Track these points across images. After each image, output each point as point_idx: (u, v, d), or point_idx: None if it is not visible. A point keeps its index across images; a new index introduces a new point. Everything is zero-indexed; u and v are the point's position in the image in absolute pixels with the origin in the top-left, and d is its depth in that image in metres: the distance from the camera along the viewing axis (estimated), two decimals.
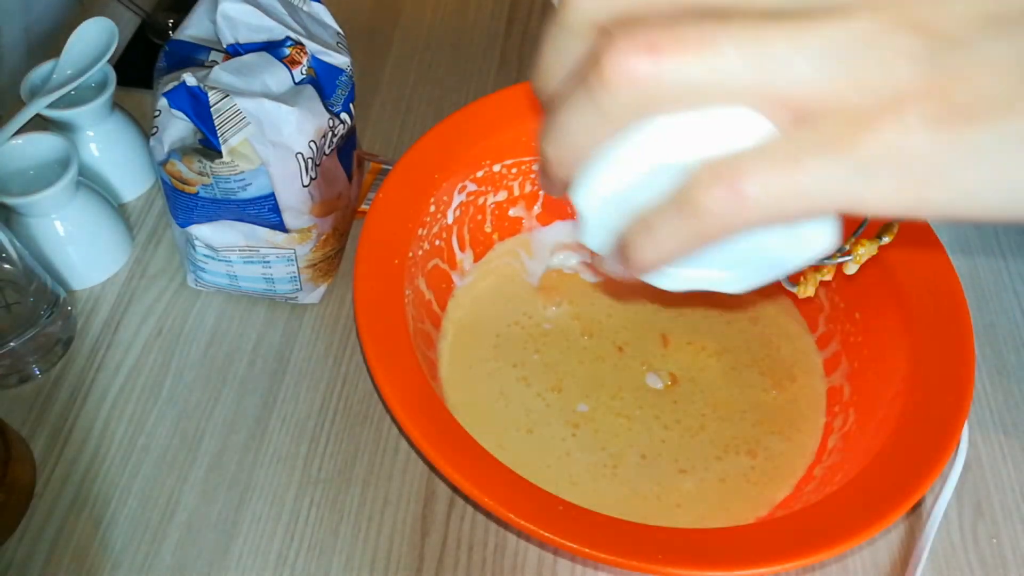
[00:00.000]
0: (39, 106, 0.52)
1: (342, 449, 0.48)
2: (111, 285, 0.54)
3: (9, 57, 0.66)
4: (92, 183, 0.54)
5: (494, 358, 0.50)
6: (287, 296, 0.52)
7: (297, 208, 0.47)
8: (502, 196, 0.54)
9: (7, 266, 0.48)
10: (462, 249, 0.53)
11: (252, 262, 0.49)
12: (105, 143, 0.56)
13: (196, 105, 0.44)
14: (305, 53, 0.46)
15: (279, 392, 0.50)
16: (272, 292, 0.52)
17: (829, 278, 0.40)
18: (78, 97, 0.54)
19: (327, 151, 0.48)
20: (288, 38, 0.46)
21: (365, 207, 0.57)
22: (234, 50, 0.46)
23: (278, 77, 0.45)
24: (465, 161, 0.51)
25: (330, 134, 0.47)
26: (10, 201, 0.49)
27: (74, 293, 0.54)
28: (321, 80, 0.47)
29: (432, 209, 0.49)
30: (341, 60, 0.48)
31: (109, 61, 0.54)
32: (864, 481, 0.39)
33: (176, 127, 0.45)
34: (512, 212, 0.55)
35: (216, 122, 0.43)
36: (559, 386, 0.49)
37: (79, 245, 0.52)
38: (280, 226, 0.48)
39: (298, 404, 0.49)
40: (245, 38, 0.46)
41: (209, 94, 0.43)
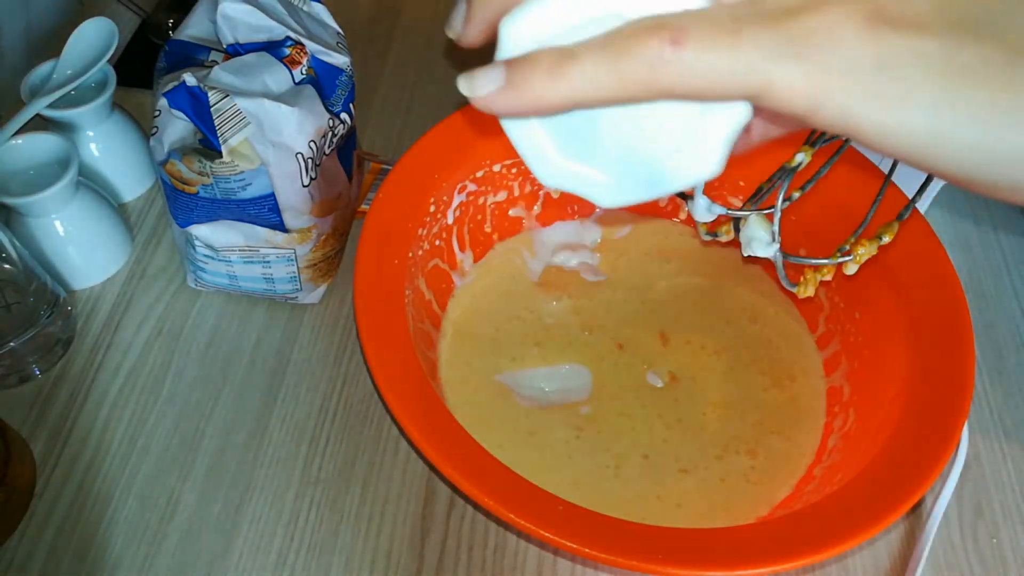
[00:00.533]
0: (39, 106, 0.52)
1: (342, 449, 0.48)
2: (111, 285, 0.54)
3: (9, 57, 0.66)
4: (92, 183, 0.54)
5: (494, 357, 0.50)
6: (287, 296, 0.52)
7: (297, 208, 0.47)
8: (502, 196, 0.54)
9: (7, 266, 0.48)
10: (462, 249, 0.53)
11: (252, 262, 0.49)
12: (105, 143, 0.56)
13: (196, 105, 0.44)
14: (305, 53, 0.46)
15: (279, 392, 0.50)
16: (272, 292, 0.52)
17: (829, 278, 0.40)
18: (78, 97, 0.54)
19: (327, 151, 0.48)
20: (288, 38, 0.46)
21: (365, 207, 0.57)
22: (234, 50, 0.46)
23: (278, 77, 0.45)
24: (465, 161, 0.51)
25: (330, 134, 0.47)
26: (10, 201, 0.49)
27: (74, 293, 0.54)
28: (321, 80, 0.47)
29: (432, 209, 0.49)
30: (341, 60, 0.48)
31: (109, 61, 0.54)
32: (864, 481, 0.39)
33: (176, 127, 0.45)
34: (512, 212, 0.55)
35: (216, 122, 0.43)
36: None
37: (79, 245, 0.52)
38: (280, 226, 0.48)
39: (298, 404, 0.49)
40: (245, 38, 0.46)
41: (209, 94, 0.43)
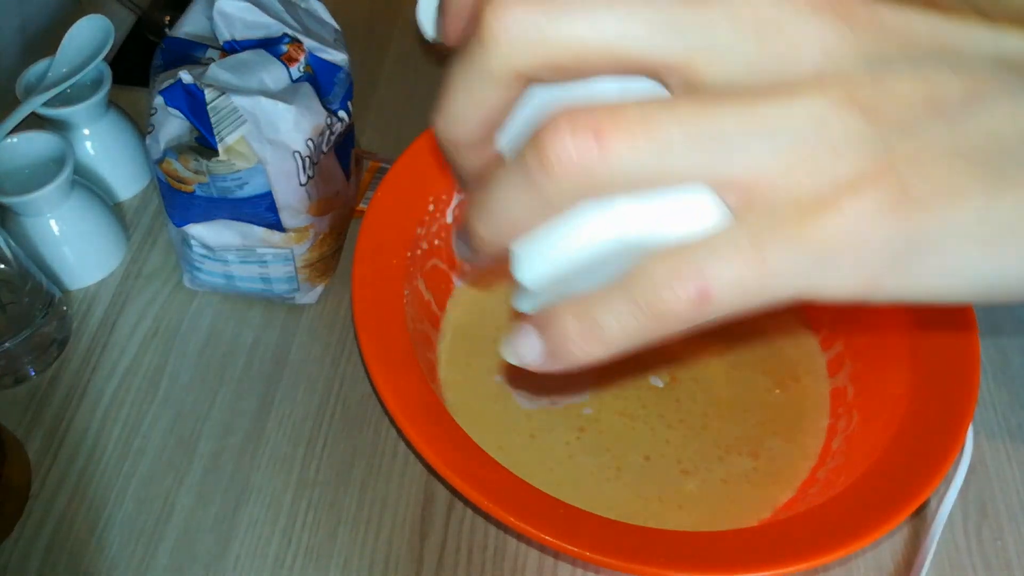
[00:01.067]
0: (34, 104, 0.52)
1: (340, 451, 0.47)
2: (106, 285, 0.54)
3: (4, 55, 0.66)
4: (87, 182, 0.53)
5: (495, 358, 0.50)
6: (284, 296, 0.52)
7: (294, 207, 0.47)
8: None
9: (1, 266, 0.47)
10: None
11: (249, 262, 0.49)
12: (101, 141, 0.56)
13: (192, 103, 0.43)
14: (302, 50, 0.46)
15: (276, 393, 0.50)
16: (269, 292, 0.51)
17: None
18: (74, 95, 0.54)
19: (325, 149, 0.47)
20: (285, 35, 0.46)
21: (363, 206, 0.57)
22: (231, 47, 0.46)
23: (275, 74, 0.45)
24: None
25: (328, 132, 0.47)
26: (5, 200, 0.48)
27: (69, 293, 0.53)
28: (319, 77, 0.47)
29: (431, 208, 0.49)
30: (339, 57, 0.48)
31: (105, 59, 0.54)
32: (868, 484, 0.39)
33: (172, 125, 0.45)
34: None
35: (212, 120, 0.43)
36: None
37: (74, 244, 0.52)
38: (277, 225, 0.47)
39: (295, 405, 0.49)
40: (242, 35, 0.46)
41: (205, 92, 0.43)
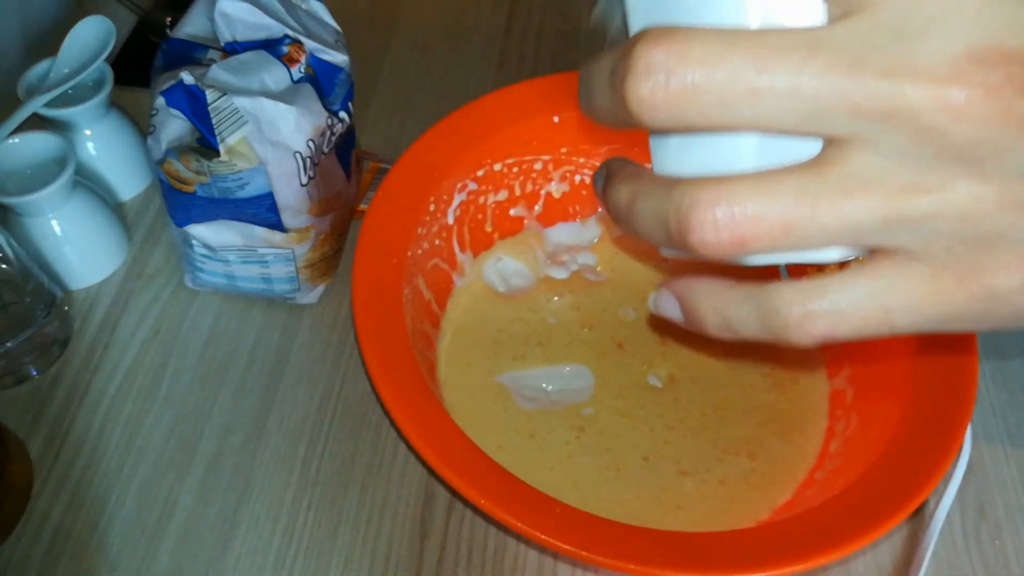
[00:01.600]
0: (36, 105, 0.52)
1: (341, 450, 0.48)
2: (108, 285, 0.54)
3: (6, 55, 0.66)
4: (89, 182, 0.54)
5: (495, 357, 0.50)
6: (285, 296, 0.52)
7: (295, 207, 0.47)
8: (503, 195, 0.53)
9: (3, 266, 0.47)
10: (462, 249, 0.53)
11: (250, 262, 0.49)
12: (102, 142, 0.56)
13: (194, 104, 0.44)
14: (303, 51, 0.46)
15: (277, 393, 0.50)
16: (270, 292, 0.52)
17: None
18: (75, 96, 0.54)
19: (325, 150, 0.47)
20: (286, 36, 0.46)
21: (364, 206, 0.57)
22: (232, 48, 0.46)
23: (276, 75, 0.45)
24: (465, 160, 0.50)
25: (328, 133, 0.47)
26: (7, 200, 0.48)
27: (71, 293, 0.53)
28: (320, 78, 0.47)
29: (432, 208, 0.49)
30: (340, 58, 0.48)
31: (106, 59, 0.54)
32: (866, 484, 0.39)
33: (173, 126, 0.45)
34: (513, 212, 0.54)
35: (214, 121, 0.43)
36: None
37: (76, 245, 0.52)
38: (278, 225, 0.47)
39: (296, 405, 0.49)
40: (243, 36, 0.46)
41: (207, 93, 0.43)
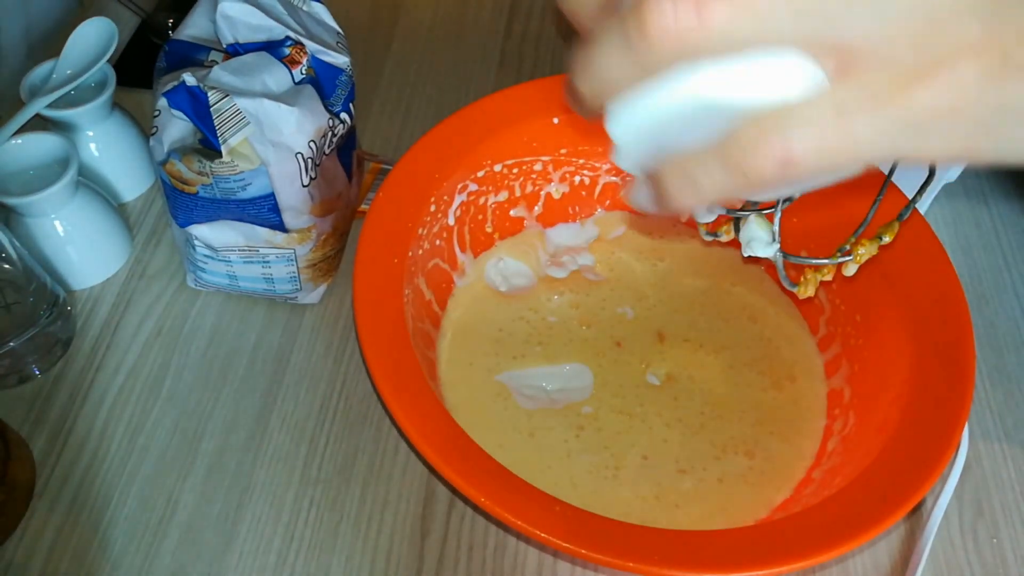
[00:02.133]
0: (39, 106, 0.52)
1: (342, 449, 0.48)
2: (111, 285, 0.54)
3: (9, 57, 0.66)
4: (92, 183, 0.54)
5: (495, 357, 0.50)
6: (287, 296, 0.52)
7: (297, 208, 0.47)
8: (503, 196, 0.54)
9: (7, 266, 0.48)
10: (462, 249, 0.53)
11: (252, 262, 0.49)
12: (105, 143, 0.56)
13: (196, 105, 0.44)
14: (305, 53, 0.46)
15: (279, 392, 0.50)
16: (272, 292, 0.52)
17: (829, 278, 0.40)
18: (78, 97, 0.54)
19: (327, 151, 0.48)
20: (288, 38, 0.46)
21: (365, 207, 0.57)
22: (234, 50, 0.46)
23: (278, 77, 0.45)
24: (466, 161, 0.51)
25: (330, 134, 0.47)
26: (10, 201, 0.49)
27: (74, 293, 0.54)
28: (321, 80, 0.47)
29: (432, 208, 0.49)
30: (341, 60, 0.48)
31: (109, 61, 0.54)
32: (864, 483, 0.39)
33: (176, 127, 0.45)
34: (513, 212, 0.55)
35: (216, 122, 0.43)
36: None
37: (79, 245, 0.52)
38: (280, 226, 0.48)
39: (298, 404, 0.49)
40: (245, 38, 0.46)
41: (209, 94, 0.43)
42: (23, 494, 0.45)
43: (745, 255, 0.37)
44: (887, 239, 0.38)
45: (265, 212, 0.47)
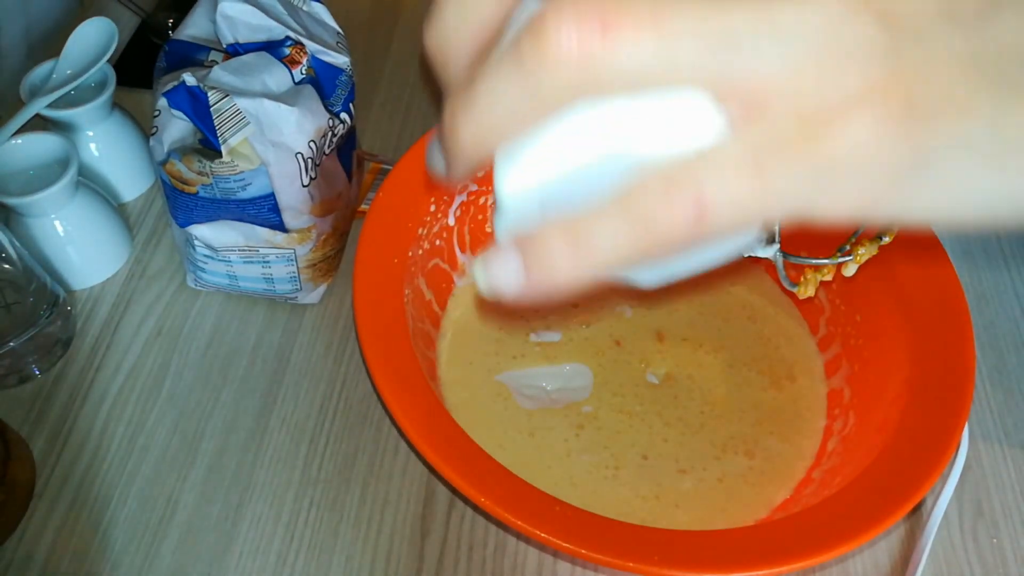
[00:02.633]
0: (39, 106, 0.52)
1: (342, 449, 0.48)
2: (111, 285, 0.54)
3: (9, 57, 0.66)
4: (92, 183, 0.54)
5: (495, 356, 0.50)
6: (287, 296, 0.52)
7: (297, 208, 0.47)
8: None
9: (7, 266, 0.48)
10: (463, 249, 0.53)
11: (252, 262, 0.49)
12: (105, 143, 0.56)
13: (196, 105, 0.44)
14: (305, 53, 0.46)
15: (279, 392, 0.50)
16: (272, 292, 0.52)
17: (829, 278, 0.40)
18: (78, 97, 0.54)
19: (327, 151, 0.48)
20: (288, 38, 0.46)
21: (365, 207, 0.57)
22: (234, 50, 0.46)
23: (278, 77, 0.45)
24: None
25: (330, 134, 0.47)
26: (10, 201, 0.49)
27: (74, 293, 0.54)
28: (321, 80, 0.47)
29: (432, 208, 0.49)
30: (341, 60, 0.48)
31: (109, 61, 0.54)
32: (864, 483, 0.39)
33: (176, 127, 0.45)
34: None
35: (216, 122, 0.43)
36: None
37: (79, 245, 0.52)
38: (280, 226, 0.48)
39: (298, 404, 0.49)
40: (245, 38, 0.46)
41: (209, 94, 0.43)
42: (23, 494, 0.45)
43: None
44: (887, 239, 0.38)
45: (265, 212, 0.47)
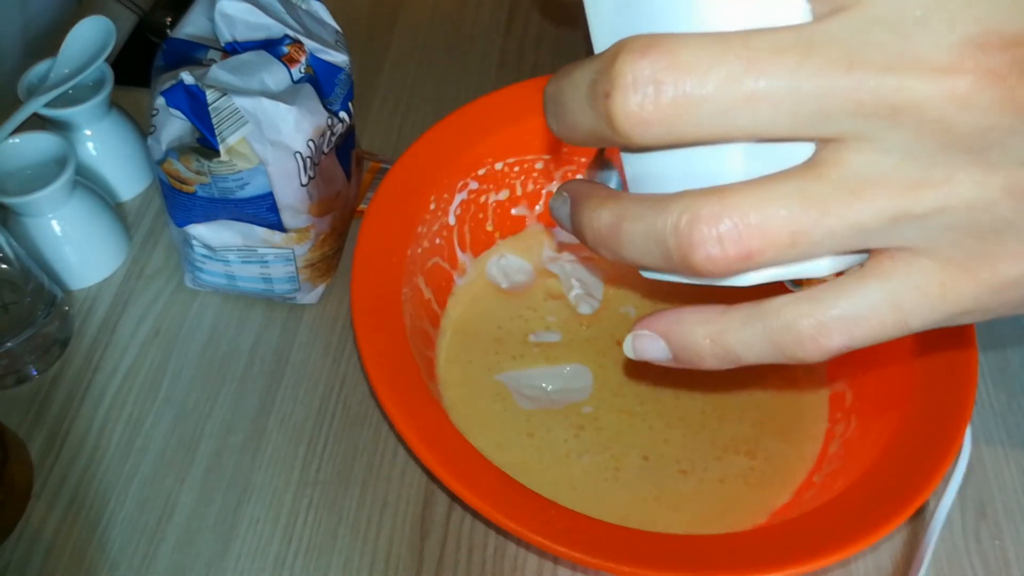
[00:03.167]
0: (36, 105, 0.52)
1: (341, 450, 0.48)
2: (108, 285, 0.54)
3: (6, 56, 0.66)
4: (89, 182, 0.54)
5: (495, 356, 0.50)
6: (285, 296, 0.52)
7: (295, 207, 0.47)
8: (504, 195, 0.53)
9: (4, 266, 0.47)
10: (463, 248, 0.53)
11: (250, 262, 0.49)
12: (102, 142, 0.56)
13: (194, 104, 0.44)
14: (303, 51, 0.46)
15: (277, 393, 0.50)
16: (270, 292, 0.52)
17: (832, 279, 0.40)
18: (75, 96, 0.54)
19: (325, 150, 0.47)
20: (286, 36, 0.46)
21: (364, 206, 0.57)
22: (232, 48, 0.46)
23: (276, 75, 0.45)
24: (466, 159, 0.50)
25: (328, 133, 0.47)
26: (7, 200, 0.49)
27: (71, 293, 0.54)
28: (320, 78, 0.47)
29: (432, 207, 0.49)
30: (340, 58, 0.48)
31: (107, 60, 0.54)
32: (866, 486, 0.39)
33: (174, 126, 0.45)
34: (515, 211, 0.54)
35: (214, 121, 0.43)
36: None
37: (76, 245, 0.52)
38: (278, 225, 0.47)
39: (296, 405, 0.49)
40: (243, 36, 0.46)
41: (207, 93, 0.43)
42: (21, 495, 0.45)
43: None
44: None
45: (263, 211, 0.46)
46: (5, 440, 0.45)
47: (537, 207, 0.55)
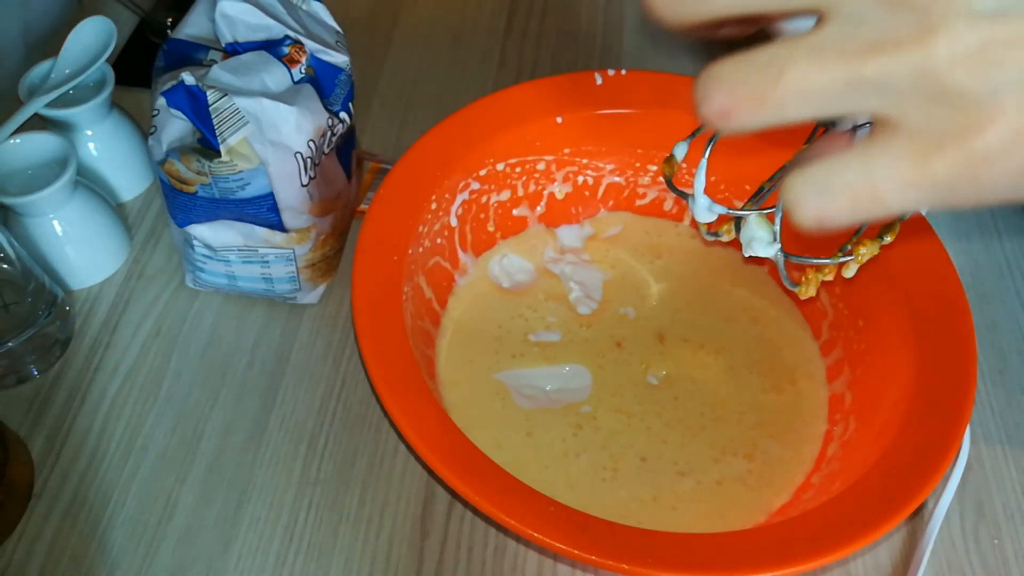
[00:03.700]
0: (37, 105, 0.52)
1: (341, 450, 0.48)
2: (109, 285, 0.54)
3: (7, 56, 0.66)
4: (90, 183, 0.54)
5: (495, 355, 0.50)
6: (286, 296, 0.52)
7: (296, 208, 0.47)
8: (506, 195, 0.53)
9: (5, 266, 0.48)
10: (464, 248, 0.53)
11: (251, 262, 0.49)
12: (103, 142, 0.56)
13: (195, 104, 0.44)
14: (304, 52, 0.46)
15: (278, 393, 0.50)
16: (271, 292, 0.52)
17: (831, 278, 0.40)
18: (76, 96, 0.54)
19: (326, 150, 0.47)
20: (287, 37, 0.46)
21: (364, 207, 0.57)
22: (233, 49, 0.46)
23: (277, 76, 0.45)
24: (468, 159, 0.50)
25: (329, 133, 0.47)
26: (8, 201, 0.49)
27: (72, 293, 0.54)
28: (320, 79, 0.47)
29: (433, 206, 0.49)
30: (340, 59, 0.48)
31: (107, 60, 0.54)
32: (866, 485, 0.39)
33: (174, 126, 0.45)
34: (516, 211, 0.54)
35: (215, 121, 0.43)
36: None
37: (77, 245, 0.52)
38: (279, 226, 0.47)
39: (297, 405, 0.49)
40: (244, 37, 0.46)
41: (208, 93, 0.43)
42: (21, 495, 0.45)
43: (746, 255, 0.36)
44: (889, 239, 0.38)
45: (264, 212, 0.46)
46: (6, 439, 0.45)
47: (538, 208, 0.55)
